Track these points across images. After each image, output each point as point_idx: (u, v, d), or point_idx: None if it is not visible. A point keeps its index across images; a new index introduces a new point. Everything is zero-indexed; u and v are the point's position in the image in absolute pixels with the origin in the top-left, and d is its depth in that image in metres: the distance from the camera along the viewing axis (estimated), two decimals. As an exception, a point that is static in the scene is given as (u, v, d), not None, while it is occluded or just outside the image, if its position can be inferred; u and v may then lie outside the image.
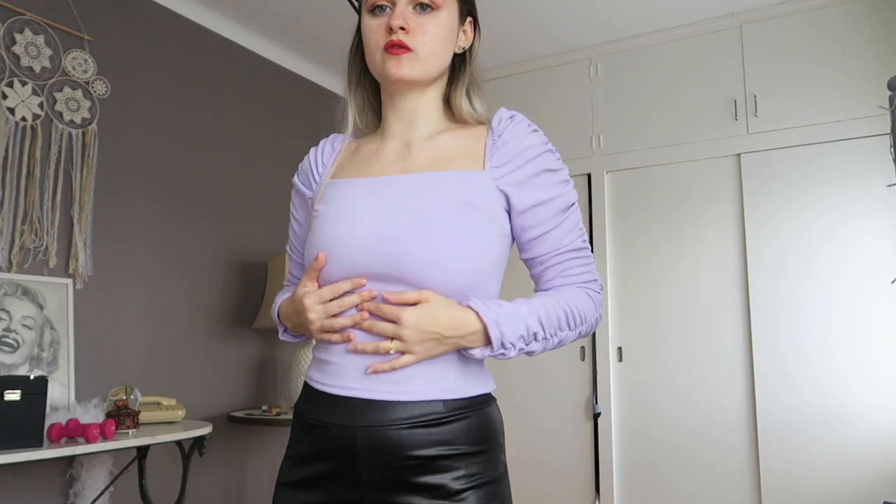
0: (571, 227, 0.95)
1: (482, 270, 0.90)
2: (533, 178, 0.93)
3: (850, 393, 2.63)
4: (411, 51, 0.92)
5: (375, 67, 0.96)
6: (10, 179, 2.23)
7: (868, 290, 2.65)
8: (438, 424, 0.87)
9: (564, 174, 0.97)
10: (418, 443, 0.86)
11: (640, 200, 3.16)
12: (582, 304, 0.93)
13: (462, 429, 0.88)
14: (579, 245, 0.96)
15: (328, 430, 0.90)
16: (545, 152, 0.95)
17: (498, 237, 0.91)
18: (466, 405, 0.90)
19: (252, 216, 3.14)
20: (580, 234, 0.97)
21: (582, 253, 0.96)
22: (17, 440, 1.77)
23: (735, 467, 2.81)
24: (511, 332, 0.86)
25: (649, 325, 3.06)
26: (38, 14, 2.35)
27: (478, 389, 0.92)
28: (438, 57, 0.96)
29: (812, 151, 2.81)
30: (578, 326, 0.93)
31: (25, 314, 2.21)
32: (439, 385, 0.88)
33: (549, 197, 0.93)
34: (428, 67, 0.95)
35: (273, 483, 3.11)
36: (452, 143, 0.97)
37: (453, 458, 0.87)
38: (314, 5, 2.94)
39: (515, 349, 0.88)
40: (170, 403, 2.42)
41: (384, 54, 0.93)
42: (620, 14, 3.03)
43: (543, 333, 0.89)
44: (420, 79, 0.95)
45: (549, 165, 0.95)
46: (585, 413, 3.15)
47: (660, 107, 3.15)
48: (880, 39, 2.73)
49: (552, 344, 0.91)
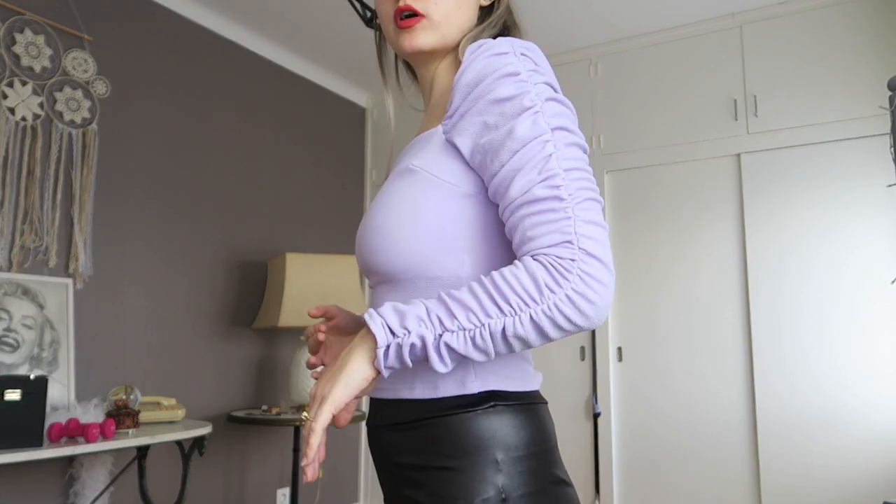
0: (528, 168, 0.69)
1: (439, 242, 0.74)
2: (479, 115, 0.72)
3: (850, 393, 2.63)
4: (423, 16, 0.81)
5: (392, 42, 0.86)
6: (10, 179, 2.23)
7: (868, 290, 2.65)
8: (415, 428, 0.75)
9: (523, 101, 0.71)
10: (399, 448, 0.77)
11: (640, 200, 3.16)
12: (521, 278, 0.66)
13: (439, 436, 0.73)
14: (541, 194, 0.68)
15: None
16: (501, 77, 0.71)
17: (455, 199, 0.74)
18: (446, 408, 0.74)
19: (252, 216, 3.14)
20: (543, 177, 0.69)
21: (543, 205, 0.68)
22: (17, 440, 1.77)
23: (735, 467, 2.81)
24: (395, 317, 0.67)
25: (649, 324, 3.06)
26: (38, 14, 2.35)
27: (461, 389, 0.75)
28: (455, 17, 0.82)
29: (812, 151, 2.81)
30: (523, 308, 0.66)
31: (25, 314, 2.21)
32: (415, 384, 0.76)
33: (497, 136, 0.71)
34: (444, 31, 0.82)
35: (273, 483, 3.11)
36: (441, 105, 0.82)
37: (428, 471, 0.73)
38: (314, 6, 2.94)
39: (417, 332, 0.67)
40: (170, 403, 2.42)
41: (396, 27, 0.82)
42: (620, 14, 3.03)
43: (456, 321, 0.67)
44: (438, 46, 0.83)
45: (502, 94, 0.71)
46: (585, 413, 3.15)
47: (660, 107, 3.15)
48: (880, 39, 2.73)
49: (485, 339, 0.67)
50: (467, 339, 0.67)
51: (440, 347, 0.67)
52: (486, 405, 0.74)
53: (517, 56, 0.73)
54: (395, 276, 0.77)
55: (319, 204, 3.51)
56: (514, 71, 0.72)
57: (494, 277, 0.67)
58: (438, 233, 0.74)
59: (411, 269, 0.75)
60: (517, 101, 0.71)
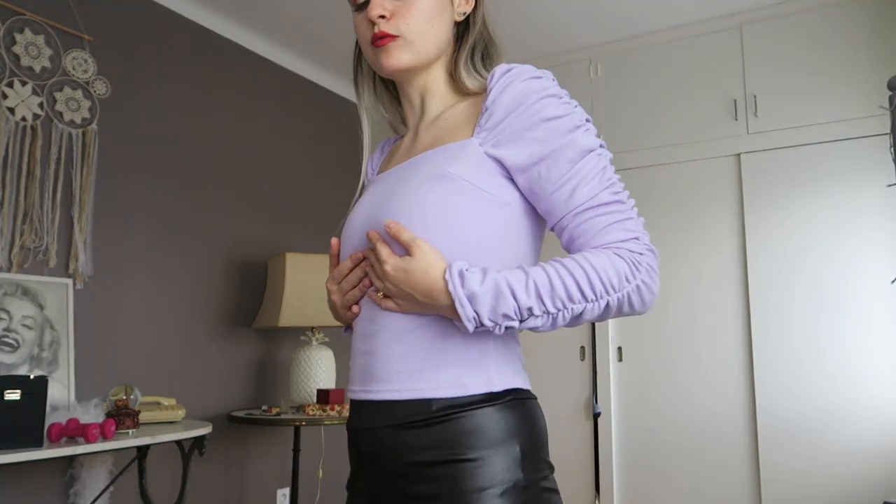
0: (589, 177, 0.78)
1: (469, 246, 0.79)
2: (528, 132, 0.79)
3: (849, 393, 2.63)
4: (397, 37, 0.86)
5: (373, 64, 0.91)
6: (10, 179, 2.23)
7: (868, 289, 2.65)
8: (430, 424, 0.78)
9: (573, 119, 0.80)
10: (411, 446, 0.79)
11: (640, 200, 3.12)
12: (606, 268, 0.75)
13: (459, 429, 0.77)
14: (607, 199, 0.78)
15: (350, 434, 0.88)
16: (544, 98, 0.80)
17: (491, 207, 0.80)
18: (463, 404, 0.79)
19: (252, 216, 3.14)
20: (605, 185, 0.78)
21: (610, 208, 0.78)
22: (17, 440, 1.77)
23: (735, 468, 2.81)
24: (490, 310, 0.74)
25: (649, 324, 3.06)
26: (38, 14, 2.35)
27: (479, 388, 0.80)
28: (430, 34, 0.87)
29: (812, 151, 2.81)
30: (604, 296, 0.75)
31: (25, 314, 2.21)
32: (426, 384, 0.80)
33: (551, 149, 0.78)
34: (419, 48, 0.87)
35: (273, 483, 3.11)
36: (455, 118, 0.88)
37: (449, 464, 0.77)
38: (314, 5, 2.94)
39: (501, 328, 0.75)
40: (170, 403, 2.42)
41: (373, 49, 0.88)
42: (620, 14, 3.03)
43: (544, 307, 0.74)
44: (415, 63, 0.89)
45: (550, 113, 0.79)
46: (585, 413, 3.15)
47: (660, 107, 3.15)
48: (880, 39, 2.73)
49: (563, 319, 0.75)
50: (549, 320, 0.75)
51: (519, 329, 0.76)
52: (507, 398, 0.80)
53: (552, 81, 0.83)
54: None
55: (319, 204, 3.51)
56: (557, 93, 0.81)
57: (583, 265, 0.75)
58: (476, 240, 0.79)
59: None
60: (567, 119, 0.80)
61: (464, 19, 0.93)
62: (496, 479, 0.76)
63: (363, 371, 0.85)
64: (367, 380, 0.84)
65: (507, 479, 0.76)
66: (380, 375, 0.82)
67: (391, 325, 0.82)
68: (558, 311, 0.74)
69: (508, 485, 0.76)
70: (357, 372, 0.87)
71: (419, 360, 0.80)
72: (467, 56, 0.92)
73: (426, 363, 0.80)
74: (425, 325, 0.81)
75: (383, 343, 0.82)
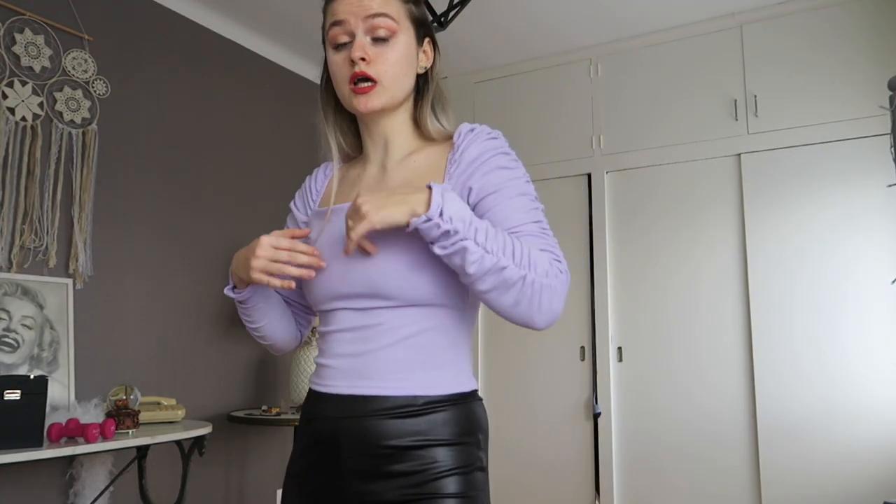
0: (525, 209, 0.95)
1: (445, 280, 0.94)
2: (486, 175, 0.97)
3: (849, 392, 2.63)
4: (376, 83, 1.00)
5: (345, 100, 1.04)
6: (10, 179, 2.23)
7: (868, 289, 2.65)
8: (414, 416, 0.93)
9: (520, 172, 0.99)
10: (395, 432, 0.93)
11: (640, 200, 3.16)
12: (536, 253, 0.89)
13: (438, 420, 0.94)
14: (536, 230, 0.95)
15: (319, 422, 0.99)
16: (498, 154, 0.99)
17: None
18: (442, 400, 0.95)
19: (252, 216, 3.14)
20: (537, 218, 0.96)
21: (539, 231, 0.95)
22: (17, 440, 1.77)
23: (735, 468, 2.81)
24: (453, 208, 0.86)
25: (649, 324, 3.06)
26: (38, 14, 2.35)
27: (455, 388, 0.97)
28: (401, 81, 1.02)
29: (812, 151, 2.81)
30: (525, 269, 0.87)
31: (25, 314, 2.21)
32: (415, 383, 0.95)
33: (501, 186, 0.96)
34: (392, 93, 1.02)
35: (273, 483, 3.11)
36: (421, 162, 1.04)
37: (429, 448, 0.93)
38: (314, 5, 2.93)
39: (452, 227, 0.85)
40: (170, 403, 2.42)
41: (351, 89, 1.01)
42: (621, 14, 3.03)
43: (484, 241, 0.86)
44: (387, 105, 1.02)
45: (503, 164, 0.98)
46: (585, 413, 3.15)
47: (660, 107, 3.15)
48: (880, 39, 2.73)
49: (490, 264, 0.86)
50: (479, 255, 0.86)
51: (458, 247, 0.86)
52: (471, 400, 0.99)
53: (504, 141, 1.01)
54: (416, 301, 0.95)
55: (319, 204, 3.50)
56: (507, 151, 1.00)
57: (520, 239, 0.90)
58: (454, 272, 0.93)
59: (429, 294, 0.94)
60: (514, 171, 0.98)
61: (424, 73, 1.08)
62: (466, 460, 0.94)
63: (349, 370, 0.97)
64: (354, 377, 0.97)
65: (473, 461, 0.95)
66: (373, 375, 0.95)
67: (389, 334, 0.96)
68: (489, 254, 0.86)
69: (474, 465, 0.95)
70: (338, 370, 0.99)
71: (413, 363, 0.95)
72: (429, 107, 1.07)
73: (417, 366, 0.95)
74: (419, 334, 0.96)
75: (381, 349, 0.96)
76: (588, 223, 3.26)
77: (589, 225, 3.25)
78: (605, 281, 3.16)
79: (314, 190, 1.16)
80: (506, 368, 3.31)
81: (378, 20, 1.00)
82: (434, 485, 0.91)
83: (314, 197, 1.15)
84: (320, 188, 1.16)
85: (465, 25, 3.02)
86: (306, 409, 1.04)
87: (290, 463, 1.05)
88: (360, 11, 1.00)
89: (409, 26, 1.03)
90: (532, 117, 3.44)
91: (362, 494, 0.93)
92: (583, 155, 3.30)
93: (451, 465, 0.92)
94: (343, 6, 1.03)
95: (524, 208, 0.95)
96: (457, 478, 0.92)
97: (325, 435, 0.97)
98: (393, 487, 0.92)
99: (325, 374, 1.00)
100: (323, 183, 1.16)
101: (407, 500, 0.91)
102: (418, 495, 0.91)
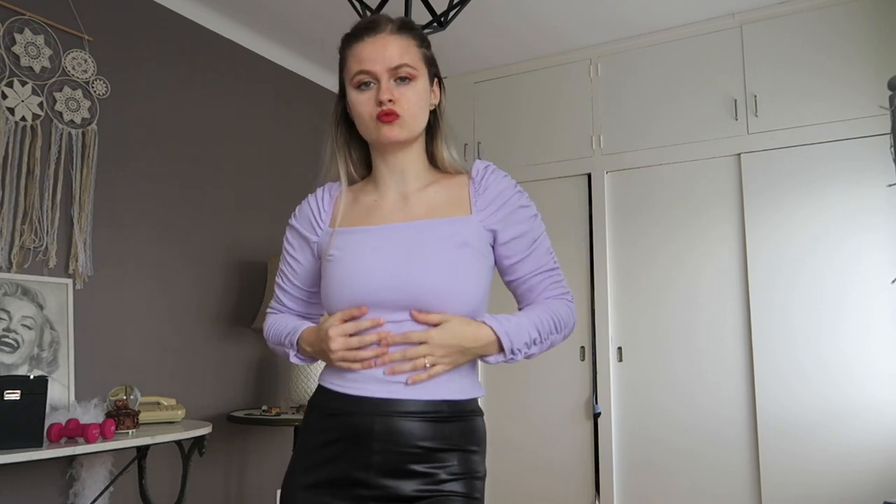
0: (544, 252, 1.17)
1: (479, 296, 1.10)
2: (511, 215, 1.14)
3: (849, 393, 2.63)
4: (400, 117, 1.12)
5: (369, 134, 1.15)
6: (10, 179, 2.23)
7: (868, 289, 2.65)
8: (444, 422, 1.05)
9: (533, 209, 1.18)
10: (424, 434, 1.04)
11: (640, 200, 3.16)
12: (563, 312, 1.15)
13: (459, 429, 1.07)
14: (552, 266, 1.18)
15: (350, 418, 1.07)
16: (516, 193, 1.16)
17: (487, 268, 1.14)
18: (464, 409, 1.09)
19: (252, 216, 3.14)
20: (552, 256, 1.18)
21: (555, 272, 1.18)
22: (17, 440, 1.77)
23: (735, 468, 2.81)
24: (518, 341, 1.08)
25: (649, 324, 3.06)
26: (38, 14, 2.35)
27: (473, 393, 1.11)
28: (419, 118, 1.15)
29: (812, 151, 2.81)
30: (562, 330, 1.15)
31: (25, 314, 2.21)
32: (445, 388, 1.06)
33: (524, 230, 1.15)
34: (412, 128, 1.14)
35: (273, 483, 3.11)
36: (442, 193, 1.17)
37: (449, 452, 1.05)
38: (314, 5, 2.94)
39: (521, 354, 1.09)
40: (170, 403, 2.42)
41: (377, 123, 1.12)
42: (621, 14, 3.03)
43: (540, 338, 1.10)
44: (408, 138, 1.15)
45: (522, 203, 1.16)
46: (585, 413, 3.15)
47: (660, 107, 3.15)
48: (880, 39, 2.73)
49: (546, 346, 1.13)
50: (542, 347, 1.12)
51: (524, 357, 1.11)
52: (479, 410, 1.14)
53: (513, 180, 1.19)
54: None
55: (319, 204, 3.50)
56: (521, 190, 1.18)
57: (551, 310, 1.14)
58: (480, 289, 1.11)
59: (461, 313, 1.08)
60: (531, 209, 1.17)
61: (433, 108, 1.21)
62: (474, 467, 1.08)
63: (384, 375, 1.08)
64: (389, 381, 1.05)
65: (478, 468, 1.09)
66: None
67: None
68: (545, 341, 1.12)
69: (479, 474, 1.09)
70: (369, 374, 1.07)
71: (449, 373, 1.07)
72: (443, 142, 1.21)
73: (451, 375, 1.08)
74: None
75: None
76: (588, 223, 3.26)
77: (589, 225, 3.25)
78: (605, 281, 3.16)
79: (322, 210, 1.23)
80: (506, 368, 3.31)
81: (401, 70, 1.12)
82: (446, 485, 1.03)
83: (322, 217, 1.23)
84: (327, 208, 1.24)
85: (465, 25, 3.02)
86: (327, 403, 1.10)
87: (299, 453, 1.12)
88: (385, 62, 1.11)
89: (424, 69, 1.16)
90: (532, 117, 3.44)
91: (384, 488, 1.03)
92: (583, 155, 3.30)
93: (462, 470, 1.05)
94: (368, 55, 1.12)
95: (543, 250, 1.17)
96: (465, 481, 1.05)
97: (357, 429, 1.05)
98: (412, 484, 1.02)
99: (352, 378, 1.08)
100: (329, 203, 1.24)
101: (422, 496, 1.02)
102: (433, 492, 1.02)
